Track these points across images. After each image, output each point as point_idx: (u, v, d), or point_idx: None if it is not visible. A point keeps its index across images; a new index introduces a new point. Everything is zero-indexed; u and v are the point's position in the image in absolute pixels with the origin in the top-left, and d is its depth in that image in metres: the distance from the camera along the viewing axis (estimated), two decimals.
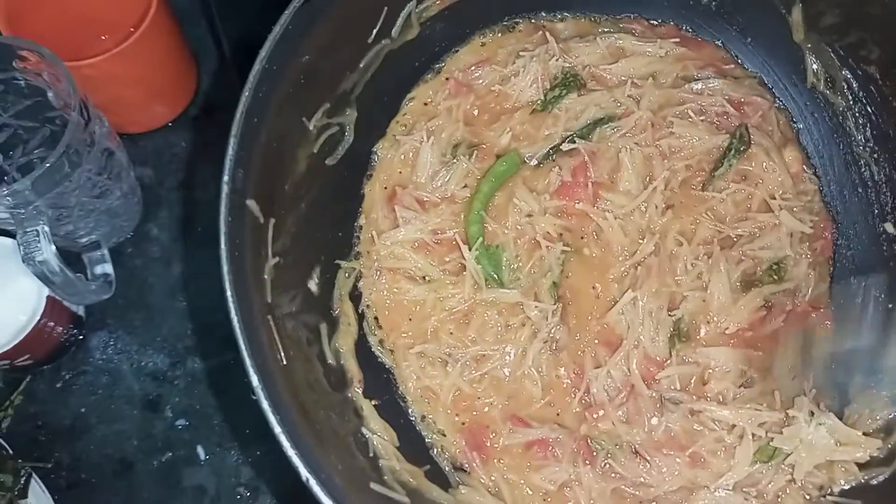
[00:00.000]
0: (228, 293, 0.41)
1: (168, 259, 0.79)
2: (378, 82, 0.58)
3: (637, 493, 0.55)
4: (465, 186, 0.62)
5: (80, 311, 0.75)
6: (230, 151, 0.44)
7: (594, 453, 0.56)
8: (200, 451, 0.72)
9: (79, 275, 0.69)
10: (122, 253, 0.78)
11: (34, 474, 0.67)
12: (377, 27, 0.56)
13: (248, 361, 0.39)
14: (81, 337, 0.75)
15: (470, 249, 0.59)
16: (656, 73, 0.65)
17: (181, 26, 0.79)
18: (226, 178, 0.44)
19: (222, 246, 0.42)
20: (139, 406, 0.74)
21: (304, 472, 0.38)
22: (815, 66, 0.62)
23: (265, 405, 0.39)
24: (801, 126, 0.65)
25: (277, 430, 0.38)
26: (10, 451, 0.67)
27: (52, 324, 0.69)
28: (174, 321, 0.77)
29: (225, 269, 0.41)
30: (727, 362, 0.57)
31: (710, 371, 0.57)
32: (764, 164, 0.62)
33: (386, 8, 0.56)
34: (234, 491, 0.71)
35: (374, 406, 0.53)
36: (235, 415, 0.73)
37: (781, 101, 0.65)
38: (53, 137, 0.73)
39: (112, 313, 0.76)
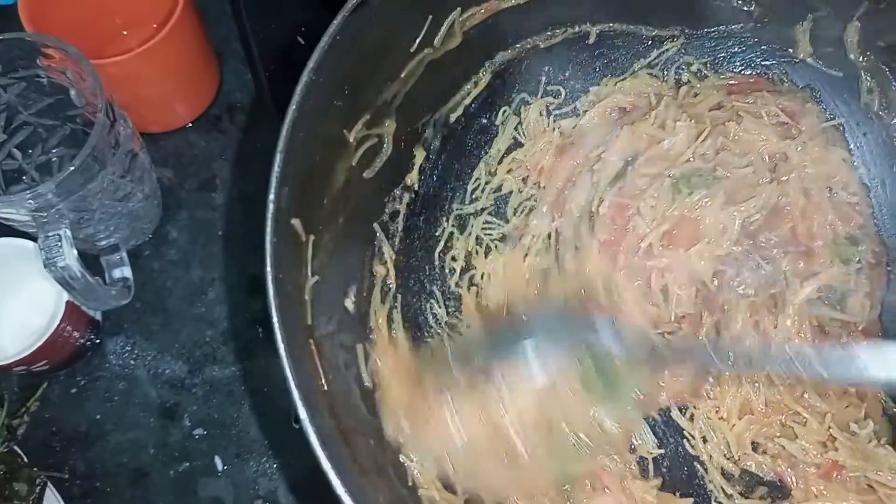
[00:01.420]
0: (275, 319, 0.39)
1: (187, 263, 0.77)
2: (418, 92, 0.56)
3: None
4: None
5: (98, 315, 0.73)
6: (276, 168, 0.42)
7: None
8: (218, 461, 0.71)
9: (97, 278, 0.68)
10: (139, 256, 0.77)
11: (49, 483, 0.65)
12: (421, 36, 0.54)
13: (295, 392, 0.38)
14: (98, 342, 0.73)
15: None
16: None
17: (205, 24, 0.77)
18: (271, 196, 0.42)
19: (268, 269, 0.40)
20: (156, 414, 0.72)
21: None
22: (869, 85, 0.61)
23: (313, 439, 0.37)
24: (853, 146, 0.63)
25: (326, 465, 0.37)
26: (25, 459, 0.65)
27: (70, 329, 0.68)
28: (192, 327, 0.75)
29: (271, 293, 0.40)
30: None
31: None
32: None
33: (431, 16, 0.54)
34: (251, 503, 0.69)
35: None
36: (253, 425, 0.72)
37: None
38: (73, 136, 0.72)
39: (129, 318, 0.75)
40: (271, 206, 0.42)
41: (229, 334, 0.75)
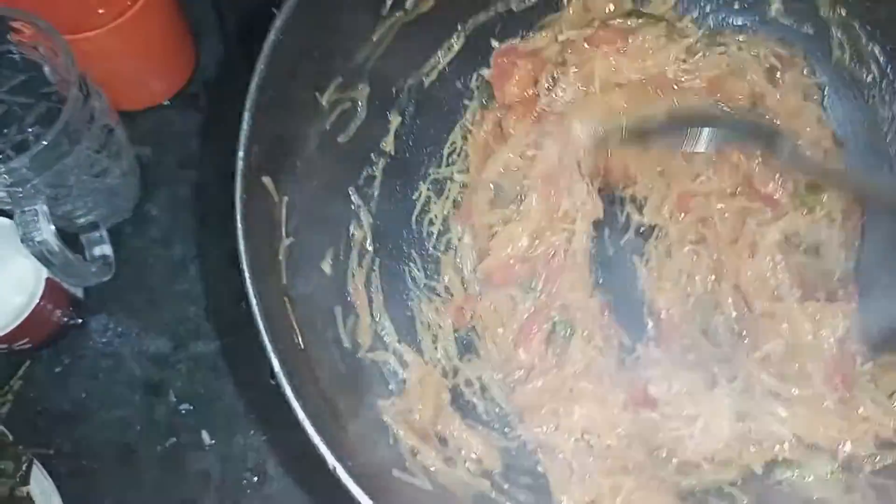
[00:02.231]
0: (246, 274, 0.39)
1: (168, 240, 0.77)
2: (391, 55, 0.56)
3: None
4: None
5: (79, 293, 0.73)
6: (244, 126, 0.42)
7: None
8: (205, 435, 0.71)
9: (77, 255, 0.67)
10: (121, 234, 0.76)
11: (35, 461, 0.65)
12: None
13: (268, 346, 0.38)
14: (80, 320, 0.73)
15: None
16: None
17: (180, 0, 0.76)
18: (241, 153, 0.42)
19: (238, 225, 0.40)
20: (141, 391, 0.72)
21: (330, 460, 0.37)
22: (840, 40, 0.61)
23: (287, 390, 0.37)
24: (826, 104, 0.63)
25: (301, 415, 0.37)
26: (11, 438, 0.65)
27: (50, 306, 0.67)
28: (175, 304, 0.75)
29: (242, 248, 0.40)
30: None
31: None
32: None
33: None
34: (240, 476, 0.70)
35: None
36: (240, 399, 0.72)
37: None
38: (50, 114, 0.71)
39: (112, 296, 0.74)
40: (240, 164, 0.42)
41: (212, 310, 0.74)
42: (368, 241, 0.58)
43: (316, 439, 0.37)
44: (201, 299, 0.75)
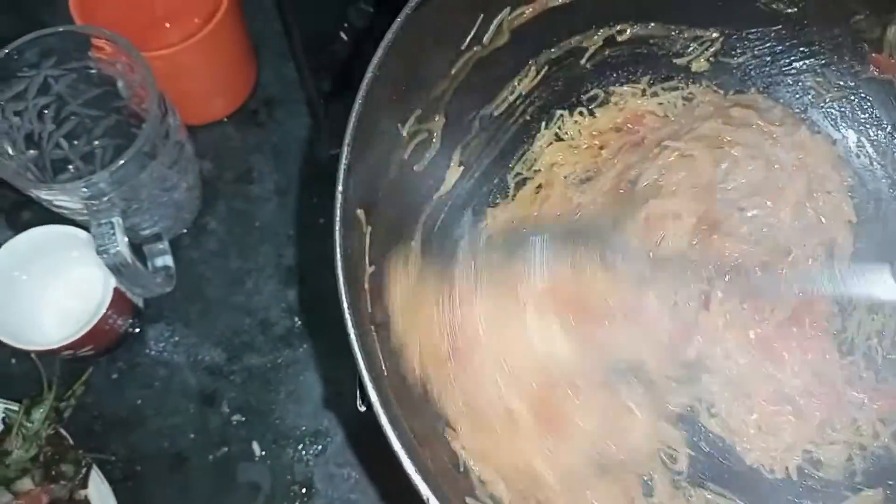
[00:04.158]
0: (346, 306, 0.40)
1: (225, 253, 0.79)
2: (466, 88, 0.58)
3: None
4: None
5: (140, 303, 0.74)
6: (343, 160, 0.44)
7: None
8: (256, 447, 0.72)
9: (144, 267, 0.69)
10: (179, 246, 0.78)
11: (94, 465, 0.67)
12: (472, 34, 0.56)
13: (366, 376, 0.39)
14: (139, 329, 0.75)
15: None
16: None
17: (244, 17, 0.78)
18: (340, 187, 0.43)
19: (338, 258, 0.41)
20: (195, 400, 0.74)
21: (425, 492, 0.38)
22: None
23: (384, 421, 0.38)
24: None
25: (397, 446, 0.38)
26: (71, 441, 0.67)
27: (115, 315, 0.69)
28: (231, 316, 0.76)
29: (341, 281, 0.41)
30: None
31: None
32: None
33: (482, 14, 0.55)
34: (288, 489, 0.71)
35: None
36: (291, 413, 0.73)
37: None
38: (118, 127, 0.73)
39: (169, 306, 0.76)
40: (339, 197, 0.43)
41: (267, 323, 0.76)
42: None
43: (411, 470, 0.38)
44: (256, 312, 0.77)
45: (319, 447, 0.72)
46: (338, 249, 0.41)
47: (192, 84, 0.76)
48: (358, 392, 0.42)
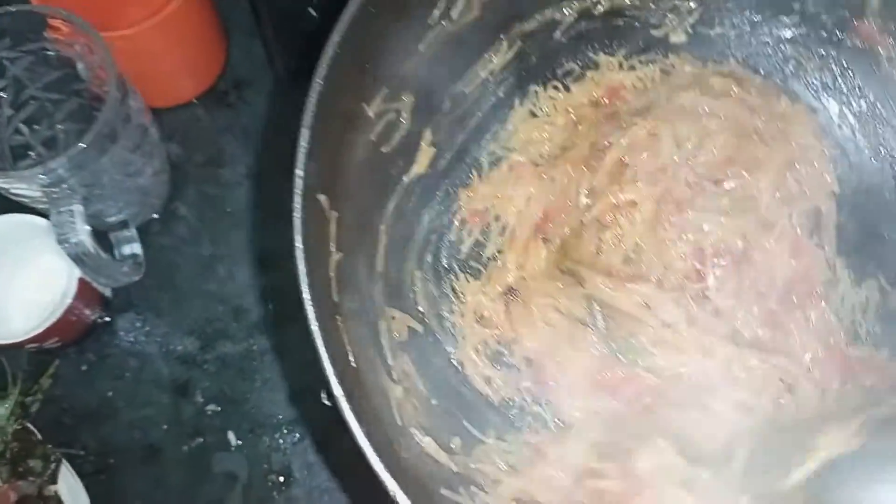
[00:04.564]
0: (307, 297, 0.39)
1: (196, 240, 0.77)
2: (436, 65, 0.56)
3: None
4: None
5: (108, 292, 0.73)
6: (302, 143, 0.42)
7: None
8: (231, 436, 0.71)
9: (109, 256, 0.67)
10: (148, 232, 0.76)
11: (63, 460, 0.65)
12: (440, 8, 0.53)
13: (329, 370, 0.38)
14: (108, 319, 0.73)
15: None
16: None
17: None
18: (299, 172, 0.41)
19: (298, 246, 0.40)
20: (168, 390, 0.72)
21: (392, 486, 0.36)
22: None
23: (347, 414, 0.37)
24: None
25: (362, 440, 0.37)
26: (39, 436, 0.65)
27: (81, 306, 0.67)
28: (203, 304, 0.75)
29: (302, 271, 0.39)
30: None
31: None
32: None
33: None
34: (265, 478, 0.70)
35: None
36: (266, 401, 0.72)
37: None
38: (80, 111, 0.71)
39: (139, 295, 0.74)
40: (299, 182, 0.41)
41: (240, 310, 0.74)
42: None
43: (378, 466, 0.36)
44: (229, 299, 0.75)
45: (297, 435, 0.71)
46: (298, 237, 0.39)
47: (157, 64, 0.74)
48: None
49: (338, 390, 0.37)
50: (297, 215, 0.40)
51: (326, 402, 0.40)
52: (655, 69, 0.65)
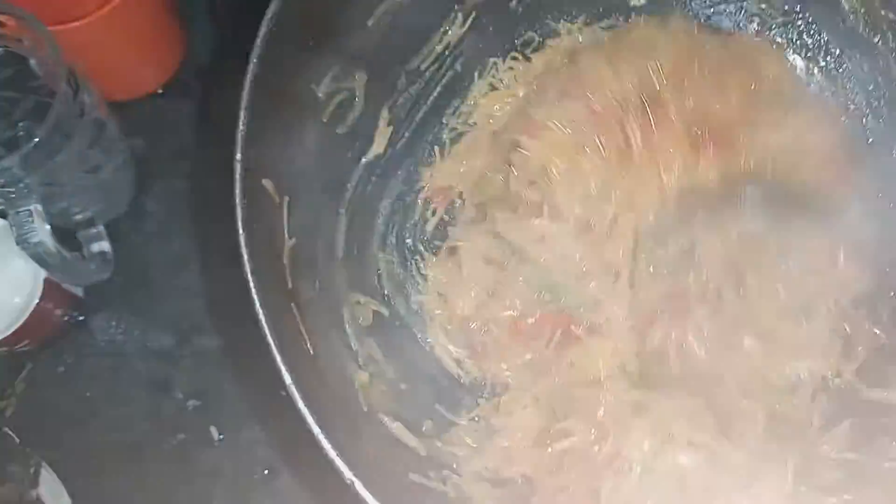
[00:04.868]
0: (252, 286, 0.38)
1: (167, 234, 0.75)
2: (388, 41, 0.54)
3: None
4: None
5: (79, 291, 0.72)
6: (241, 126, 0.41)
7: None
8: (214, 431, 0.70)
9: (75, 253, 0.66)
10: (118, 229, 0.74)
11: (44, 463, 0.65)
12: None
13: (278, 359, 0.37)
14: (81, 318, 0.72)
15: None
16: None
17: None
18: (238, 156, 0.40)
19: (240, 233, 0.39)
20: (147, 388, 0.71)
21: (348, 475, 0.36)
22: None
23: (301, 405, 0.36)
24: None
25: (316, 430, 0.36)
26: (18, 441, 0.65)
27: (50, 306, 0.66)
28: (177, 298, 0.74)
29: (245, 257, 0.38)
30: None
31: None
32: None
33: None
34: (251, 471, 0.69)
35: None
36: (248, 393, 0.71)
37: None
38: (38, 108, 0.69)
39: (112, 293, 0.73)
40: (238, 167, 0.40)
41: (215, 303, 0.73)
42: None
43: (332, 454, 0.36)
44: (203, 293, 0.74)
45: (281, 427, 0.70)
46: (240, 225, 0.38)
47: (112, 57, 0.72)
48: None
49: (288, 379, 0.36)
50: (238, 202, 0.39)
51: (283, 393, 0.39)
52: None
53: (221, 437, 0.70)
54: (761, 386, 0.54)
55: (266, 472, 0.69)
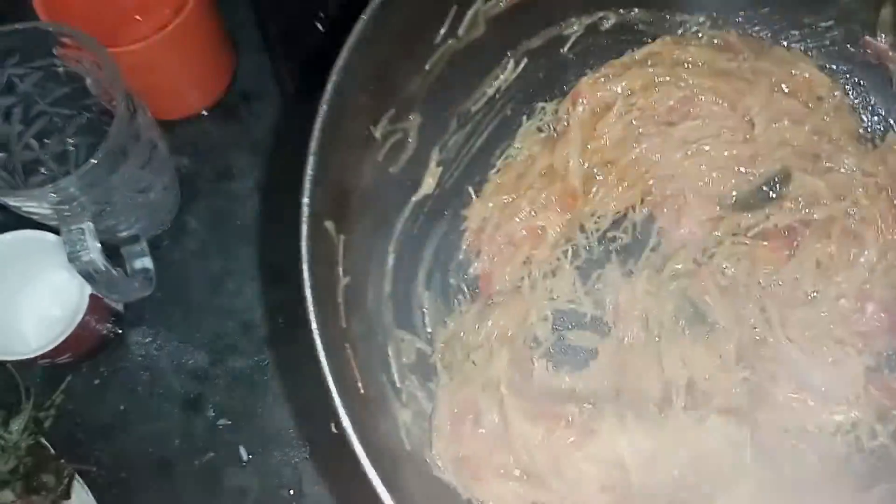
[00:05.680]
0: (315, 329, 0.39)
1: (206, 253, 0.77)
2: (442, 84, 0.56)
3: None
4: None
5: (120, 306, 0.73)
6: (309, 171, 0.42)
7: None
8: (242, 451, 0.71)
9: (118, 269, 0.67)
10: (159, 246, 0.76)
11: (76, 474, 0.66)
12: (445, 27, 0.53)
13: (337, 401, 0.38)
14: (120, 333, 0.73)
15: None
16: None
17: (219, 9, 0.75)
18: (305, 199, 0.41)
19: (306, 277, 0.40)
20: (180, 405, 0.72)
21: None
22: None
23: (357, 447, 0.37)
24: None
25: (372, 473, 0.37)
26: (52, 451, 0.66)
27: (94, 321, 0.68)
28: (214, 318, 0.75)
29: (310, 302, 0.39)
30: None
31: None
32: None
33: (455, 6, 0.53)
34: (276, 493, 0.70)
35: None
36: (277, 415, 0.72)
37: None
38: (90, 125, 0.71)
39: (151, 309, 0.75)
40: (306, 210, 0.41)
41: (251, 324, 0.74)
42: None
43: (385, 497, 0.36)
44: (239, 314, 0.75)
45: (307, 449, 0.71)
46: (306, 268, 0.39)
47: (165, 78, 0.74)
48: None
49: (346, 422, 0.37)
50: (304, 245, 0.40)
51: (335, 431, 0.40)
52: None
53: (250, 457, 0.71)
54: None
55: (291, 492, 0.70)
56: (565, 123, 0.61)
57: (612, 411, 0.54)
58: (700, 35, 0.62)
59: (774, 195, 0.61)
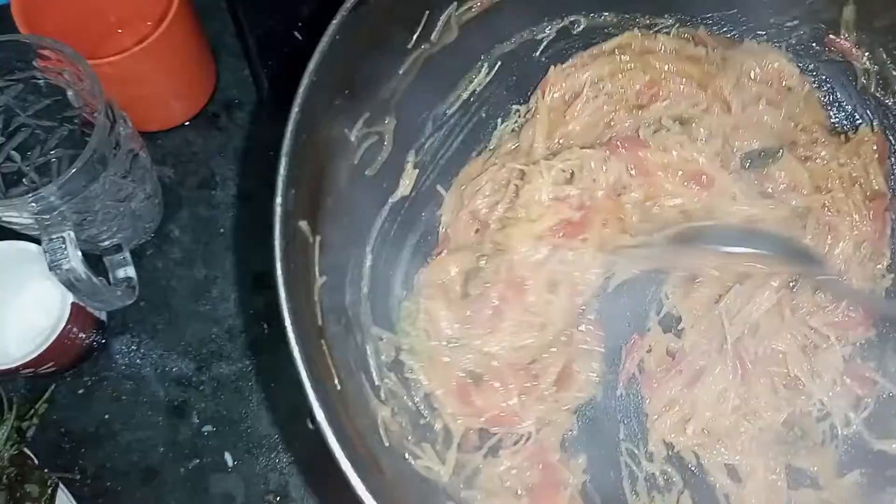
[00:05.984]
0: (289, 326, 0.39)
1: (190, 261, 0.77)
2: (416, 88, 0.57)
3: None
4: None
5: (103, 315, 0.73)
6: (281, 171, 0.43)
7: None
8: (228, 457, 0.71)
9: (101, 278, 0.68)
10: (142, 255, 0.77)
11: (60, 484, 0.66)
12: (418, 32, 0.54)
13: (311, 395, 0.38)
14: (104, 342, 0.74)
15: None
16: None
17: (200, 20, 0.76)
18: (279, 200, 0.42)
19: (279, 274, 0.40)
20: (164, 412, 0.72)
21: None
22: (866, 67, 0.61)
23: (331, 440, 0.37)
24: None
25: (345, 465, 0.37)
26: (36, 461, 0.66)
27: (76, 330, 0.68)
28: (198, 325, 0.75)
29: (283, 299, 0.40)
30: None
31: None
32: None
33: (427, 12, 0.54)
34: (263, 498, 0.70)
35: None
36: (262, 420, 0.72)
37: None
38: (72, 137, 0.71)
39: (134, 317, 0.75)
40: (279, 210, 0.42)
41: (235, 331, 0.75)
42: None
43: (360, 490, 0.37)
44: (223, 320, 0.75)
45: (293, 454, 0.71)
46: (278, 265, 0.40)
47: (147, 89, 0.74)
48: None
49: (320, 415, 0.38)
50: (278, 244, 0.41)
51: (311, 426, 0.40)
52: None
53: (235, 463, 0.71)
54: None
55: (277, 499, 0.70)
56: (534, 111, 0.62)
57: None
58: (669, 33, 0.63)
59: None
